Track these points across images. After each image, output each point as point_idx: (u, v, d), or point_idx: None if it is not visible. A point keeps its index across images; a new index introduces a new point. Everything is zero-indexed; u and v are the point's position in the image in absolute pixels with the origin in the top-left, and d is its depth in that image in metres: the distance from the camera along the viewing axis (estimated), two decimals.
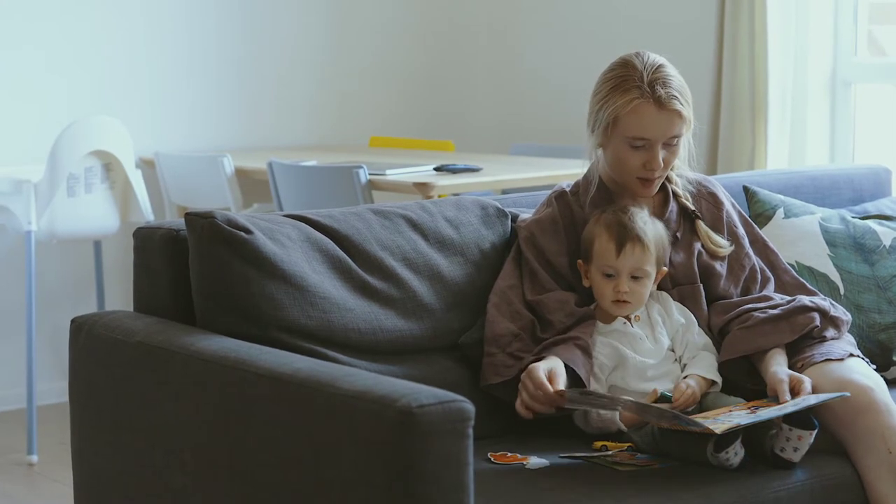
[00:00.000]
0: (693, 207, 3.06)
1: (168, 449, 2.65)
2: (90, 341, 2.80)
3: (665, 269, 2.95)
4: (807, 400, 2.69)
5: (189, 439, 2.61)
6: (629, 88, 2.90)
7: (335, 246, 2.90)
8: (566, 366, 2.78)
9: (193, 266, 2.79)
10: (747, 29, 5.38)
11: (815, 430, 2.63)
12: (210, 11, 5.81)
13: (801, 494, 2.63)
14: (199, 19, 5.78)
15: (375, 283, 2.90)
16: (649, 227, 2.91)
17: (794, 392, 2.74)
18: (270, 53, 5.97)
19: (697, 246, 3.03)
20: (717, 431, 2.57)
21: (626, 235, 2.88)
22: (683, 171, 3.05)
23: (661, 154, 2.93)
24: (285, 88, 6.03)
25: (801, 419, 2.62)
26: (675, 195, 3.06)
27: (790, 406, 2.67)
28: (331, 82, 6.15)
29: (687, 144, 3.00)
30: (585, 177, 3.07)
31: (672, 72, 2.94)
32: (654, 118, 2.90)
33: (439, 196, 4.50)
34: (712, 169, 5.44)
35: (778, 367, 2.84)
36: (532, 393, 2.70)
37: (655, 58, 2.95)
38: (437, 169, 4.92)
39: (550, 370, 2.73)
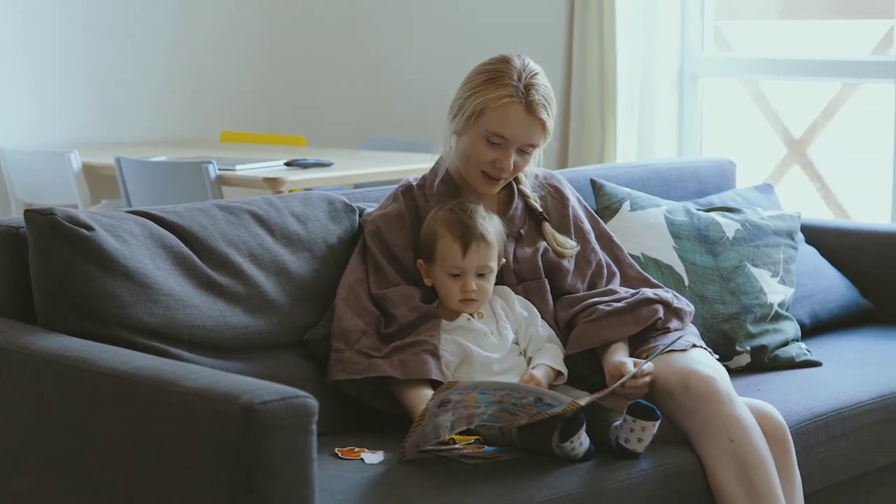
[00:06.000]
0: (540, 209, 3.08)
1: (9, 451, 2.60)
2: None
3: (504, 260, 2.97)
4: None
5: (30, 441, 2.57)
6: (504, 85, 2.91)
7: (180, 242, 2.87)
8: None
9: (33, 264, 2.74)
10: (596, 24, 5.44)
11: (659, 421, 2.66)
12: (54, 2, 5.70)
13: (644, 483, 2.66)
14: (42, 11, 5.68)
15: (221, 280, 2.88)
16: (489, 223, 2.92)
17: (637, 376, 2.79)
18: (117, 46, 5.88)
19: (543, 243, 3.05)
20: (582, 403, 2.59)
21: (470, 235, 2.89)
22: (529, 167, 3.07)
23: (514, 158, 2.94)
24: (133, 82, 5.95)
25: (644, 410, 2.65)
26: (523, 195, 3.08)
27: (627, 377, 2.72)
28: (179, 76, 6.08)
29: (538, 154, 3.03)
30: (432, 170, 3.07)
31: (546, 82, 2.97)
32: (520, 120, 2.91)
33: (290, 191, 4.48)
34: (563, 163, 5.49)
35: (618, 356, 2.87)
36: None
37: (534, 65, 2.97)
38: (287, 164, 4.91)
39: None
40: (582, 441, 2.63)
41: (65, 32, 5.74)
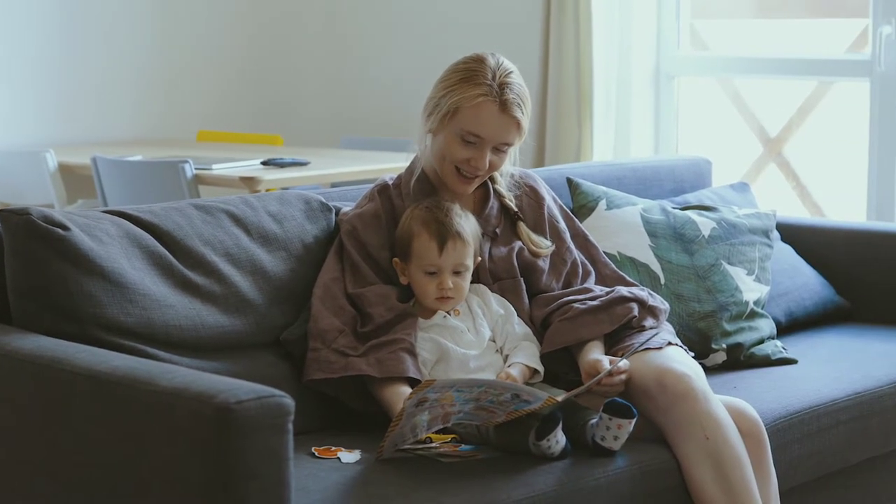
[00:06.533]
0: (515, 208, 3.08)
1: None
2: None
3: (479, 258, 2.98)
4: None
5: (5, 441, 2.56)
6: (479, 83, 2.92)
7: (156, 242, 2.86)
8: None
9: (9, 263, 2.73)
10: (572, 23, 5.44)
11: (635, 419, 2.67)
12: (30, 1, 5.68)
13: (621, 481, 2.66)
14: (17, 9, 5.66)
15: (197, 279, 2.87)
16: (465, 221, 2.93)
17: (613, 373, 2.80)
18: (93, 45, 5.87)
19: (518, 243, 3.06)
20: (559, 399, 2.59)
21: (446, 233, 2.89)
22: (505, 166, 3.07)
23: (489, 156, 2.95)
24: (109, 81, 5.93)
25: (619, 408, 2.66)
26: (499, 194, 3.08)
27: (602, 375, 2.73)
28: (156, 75, 6.07)
29: (514, 151, 3.03)
30: (408, 169, 3.08)
31: (520, 81, 2.97)
32: (494, 119, 2.92)
33: (266, 190, 4.48)
34: (539, 162, 5.50)
35: (594, 354, 2.88)
36: None
37: (509, 63, 2.98)
38: (264, 163, 4.90)
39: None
40: (558, 439, 2.64)
41: (40, 31, 5.73)
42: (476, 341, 2.91)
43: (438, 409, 2.61)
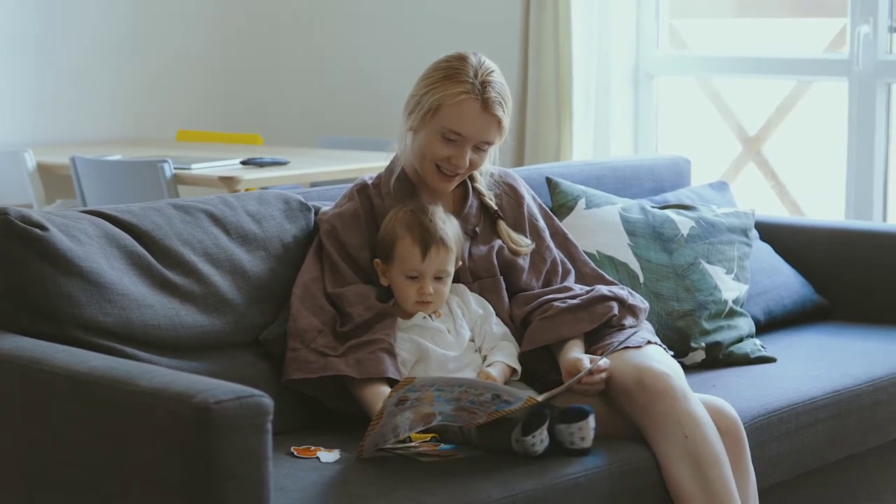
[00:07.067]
0: (495, 207, 3.09)
1: None
2: None
3: (461, 262, 2.98)
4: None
5: None
6: (461, 81, 2.92)
7: (134, 241, 2.86)
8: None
9: None
10: (552, 22, 5.45)
11: (591, 415, 2.67)
12: (6, 0, 5.67)
13: (599, 480, 2.67)
14: None
15: (176, 279, 2.87)
16: (448, 226, 2.93)
17: (593, 372, 2.80)
18: (72, 44, 5.85)
19: (498, 241, 3.06)
20: (539, 399, 2.60)
21: (430, 239, 2.89)
22: (485, 165, 3.07)
23: (469, 155, 2.95)
24: (88, 81, 5.92)
25: (572, 413, 2.67)
26: (478, 193, 3.09)
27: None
28: (135, 74, 6.06)
29: (494, 150, 3.04)
30: (388, 168, 3.07)
31: (502, 80, 2.98)
32: (475, 117, 2.92)
33: (246, 190, 4.47)
34: (519, 161, 5.51)
35: (574, 353, 2.89)
36: None
37: (490, 63, 2.98)
38: (243, 163, 4.90)
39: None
40: (543, 438, 2.64)
41: (18, 30, 5.71)
42: (456, 342, 2.91)
43: (419, 408, 2.61)
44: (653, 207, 3.66)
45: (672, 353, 2.99)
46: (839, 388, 3.25)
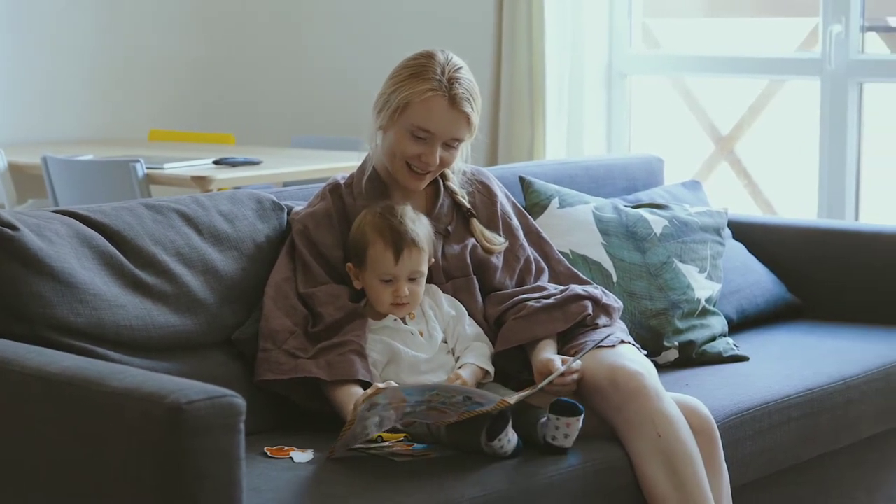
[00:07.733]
0: (468, 205, 3.08)
1: None
2: None
3: (433, 260, 2.97)
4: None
5: None
6: (428, 78, 2.92)
7: (106, 241, 2.85)
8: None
9: None
10: (525, 21, 5.45)
11: (582, 415, 2.67)
12: None
13: (573, 479, 2.66)
14: None
15: (148, 279, 2.86)
16: (419, 226, 2.92)
17: (565, 373, 2.80)
18: (42, 43, 5.83)
19: (471, 240, 3.06)
20: (511, 401, 2.59)
21: (402, 242, 2.88)
22: (457, 163, 3.07)
23: (439, 152, 2.95)
24: (59, 80, 5.89)
25: (566, 407, 2.66)
26: (450, 191, 3.08)
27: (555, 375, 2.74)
28: (106, 74, 6.03)
29: (466, 148, 3.03)
30: (360, 168, 3.07)
31: (470, 77, 2.98)
32: (444, 114, 2.92)
33: (218, 189, 4.46)
34: (492, 160, 5.51)
35: (546, 354, 2.88)
36: None
37: (458, 59, 2.99)
38: (216, 162, 4.89)
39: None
40: (510, 438, 2.64)
41: None
42: (427, 344, 2.90)
43: (391, 411, 2.60)
44: (626, 206, 3.66)
45: (645, 352, 2.99)
46: (812, 386, 3.26)
